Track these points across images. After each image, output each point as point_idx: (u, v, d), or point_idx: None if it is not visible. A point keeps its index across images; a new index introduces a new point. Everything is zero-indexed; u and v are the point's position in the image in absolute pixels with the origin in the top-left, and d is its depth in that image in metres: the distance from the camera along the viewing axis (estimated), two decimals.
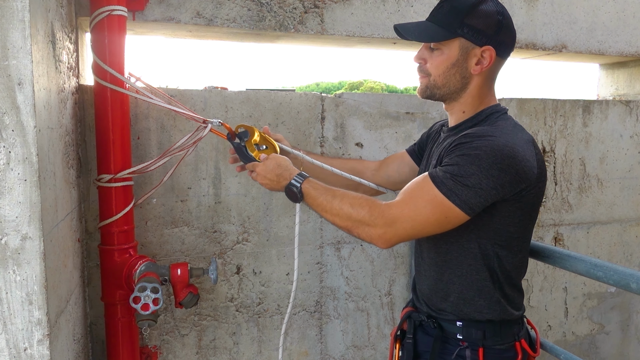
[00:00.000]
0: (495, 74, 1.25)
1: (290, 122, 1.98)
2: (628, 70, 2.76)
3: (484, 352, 1.19)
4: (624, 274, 1.18)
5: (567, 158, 2.46)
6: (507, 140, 1.10)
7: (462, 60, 1.19)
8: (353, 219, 1.16)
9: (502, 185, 1.08)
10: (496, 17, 1.17)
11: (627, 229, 2.62)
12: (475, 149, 1.09)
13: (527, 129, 2.33)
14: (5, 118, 1.02)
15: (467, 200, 1.08)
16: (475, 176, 1.07)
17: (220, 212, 1.92)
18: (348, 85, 48.91)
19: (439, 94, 1.24)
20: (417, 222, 1.11)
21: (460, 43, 1.18)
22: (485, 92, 1.24)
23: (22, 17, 1.02)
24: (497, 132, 1.13)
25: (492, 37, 1.16)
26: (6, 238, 1.05)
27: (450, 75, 1.20)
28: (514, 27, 1.22)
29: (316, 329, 2.11)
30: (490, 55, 1.17)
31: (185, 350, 1.92)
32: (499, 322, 1.21)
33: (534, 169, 1.12)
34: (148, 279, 1.49)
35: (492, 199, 1.10)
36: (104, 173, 1.59)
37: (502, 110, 1.24)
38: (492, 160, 1.07)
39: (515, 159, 1.09)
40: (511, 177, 1.09)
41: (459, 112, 1.26)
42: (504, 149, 1.08)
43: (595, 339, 2.63)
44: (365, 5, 2.03)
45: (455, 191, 1.08)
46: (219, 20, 1.85)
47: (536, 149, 1.17)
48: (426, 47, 1.24)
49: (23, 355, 1.09)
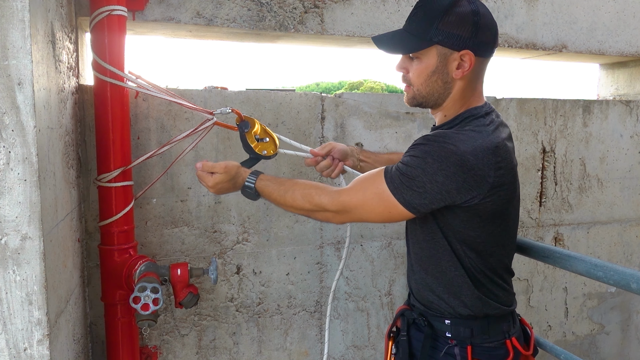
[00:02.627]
0: (480, 74, 1.22)
1: (290, 122, 1.98)
2: (628, 70, 2.76)
3: (473, 350, 1.19)
4: (624, 274, 1.18)
5: (567, 158, 2.46)
6: (460, 147, 1.08)
7: (442, 67, 1.17)
8: (307, 208, 1.26)
9: (447, 191, 1.08)
10: (471, 19, 1.13)
11: (627, 229, 2.62)
12: (425, 153, 1.10)
13: (527, 129, 2.35)
14: (5, 118, 1.02)
15: (410, 201, 1.11)
16: (420, 179, 1.09)
17: (220, 212, 1.92)
18: (348, 85, 48.90)
19: (426, 102, 1.23)
20: (364, 210, 1.17)
21: (438, 50, 1.15)
22: (468, 94, 1.21)
23: (22, 17, 1.02)
24: (455, 137, 1.10)
25: (469, 40, 1.13)
26: (6, 238, 1.05)
27: (432, 82, 1.19)
28: (493, 23, 1.17)
29: (316, 329, 2.11)
30: (470, 59, 1.14)
31: (185, 350, 1.92)
32: (486, 318, 1.20)
33: (487, 178, 1.09)
34: (148, 279, 1.49)
35: (439, 203, 1.11)
36: (104, 172, 1.59)
37: (479, 113, 1.19)
38: (437, 166, 1.07)
39: (463, 167, 1.07)
40: (457, 185, 1.08)
41: (441, 116, 1.25)
42: (452, 157, 1.07)
43: (596, 339, 2.63)
44: (365, 5, 2.03)
45: (401, 190, 1.11)
46: (219, 20, 1.85)
47: (499, 157, 1.11)
48: (407, 57, 1.23)
49: (23, 355, 1.09)
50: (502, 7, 2.25)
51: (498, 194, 1.12)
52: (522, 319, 1.33)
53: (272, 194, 1.30)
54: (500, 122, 1.21)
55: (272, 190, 1.31)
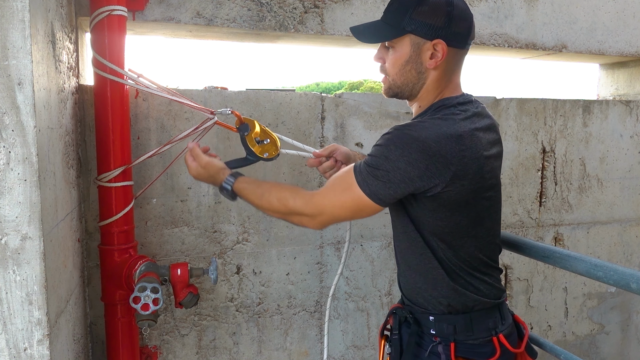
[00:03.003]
0: (455, 65, 1.21)
1: (290, 122, 1.98)
2: (628, 70, 2.76)
3: (456, 347, 1.18)
4: (624, 274, 1.18)
5: (567, 158, 2.46)
6: (422, 134, 1.08)
7: (416, 56, 1.17)
8: (282, 211, 1.25)
9: (410, 178, 1.09)
10: (445, 9, 1.14)
11: (627, 229, 2.62)
12: (388, 141, 1.11)
13: (527, 129, 2.35)
14: (5, 118, 1.02)
15: (375, 192, 1.11)
16: (383, 167, 1.09)
17: (220, 212, 1.92)
18: (348, 85, 48.89)
19: (401, 92, 1.24)
20: (335, 208, 1.18)
21: (411, 39, 1.16)
22: (442, 85, 1.21)
23: (22, 17, 1.02)
24: (419, 125, 1.11)
25: (442, 30, 1.14)
26: (6, 238, 1.05)
27: (406, 72, 1.20)
28: (468, 15, 1.18)
29: (316, 329, 2.11)
30: (442, 49, 1.15)
31: (185, 350, 1.92)
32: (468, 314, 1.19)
33: (449, 166, 1.08)
34: (148, 279, 1.49)
35: (404, 192, 1.11)
36: (104, 172, 1.59)
37: (450, 103, 1.19)
38: (399, 152, 1.08)
39: (424, 153, 1.07)
40: (419, 172, 1.08)
41: (417, 107, 1.26)
42: (413, 143, 1.07)
43: (595, 339, 2.63)
44: (365, 5, 2.03)
45: (367, 181, 1.12)
46: (219, 20, 1.85)
47: (462, 145, 1.10)
48: (383, 47, 1.24)
49: (23, 355, 1.09)
50: (502, 7, 2.25)
51: (461, 183, 1.11)
52: (516, 316, 1.31)
53: (249, 196, 1.31)
54: (478, 112, 1.19)
55: (249, 192, 1.31)
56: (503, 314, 1.25)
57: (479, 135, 1.15)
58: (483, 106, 1.25)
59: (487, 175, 1.16)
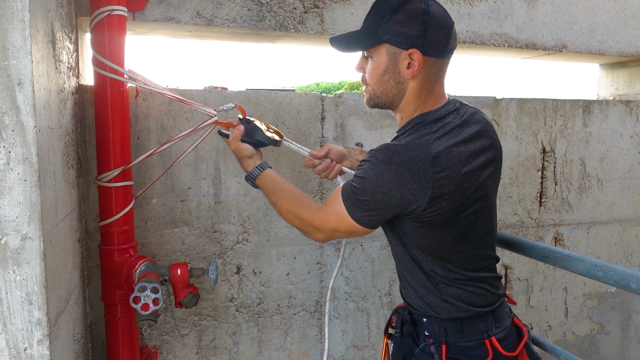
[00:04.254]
0: (436, 75, 1.18)
1: (290, 122, 1.98)
2: (628, 70, 2.76)
3: (447, 348, 1.19)
4: (624, 274, 1.18)
5: (567, 158, 2.46)
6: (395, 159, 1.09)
7: (392, 66, 1.16)
8: (291, 222, 1.35)
9: (389, 206, 1.11)
10: (420, 18, 1.11)
11: (627, 229, 2.62)
12: (365, 172, 1.12)
13: (527, 129, 2.35)
14: (5, 118, 1.02)
15: (361, 219, 1.16)
16: (363, 198, 1.13)
17: (220, 212, 1.92)
18: (348, 85, 48.89)
19: (382, 103, 1.22)
20: (332, 231, 1.24)
21: (387, 49, 1.15)
22: (424, 97, 1.19)
23: (22, 17, 1.02)
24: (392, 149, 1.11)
25: (417, 39, 1.12)
26: (6, 238, 1.05)
27: (384, 82, 1.18)
28: (446, 23, 1.14)
29: (316, 329, 2.11)
30: (418, 58, 1.13)
31: (185, 350, 1.92)
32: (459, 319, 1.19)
33: (425, 190, 1.07)
34: (148, 279, 1.49)
35: (387, 216, 1.15)
36: (104, 172, 1.59)
37: (429, 119, 1.16)
38: (374, 184, 1.10)
39: (398, 182, 1.08)
40: (396, 200, 1.10)
41: (399, 118, 1.25)
42: (385, 173, 1.09)
43: (595, 339, 2.63)
44: (365, 5, 2.03)
45: (352, 208, 1.16)
46: (219, 20, 1.85)
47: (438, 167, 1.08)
48: (363, 56, 1.23)
49: (23, 355, 1.09)
50: (502, 7, 2.25)
51: (440, 205, 1.10)
52: (516, 319, 1.30)
53: (269, 196, 1.40)
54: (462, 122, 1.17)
55: (269, 193, 1.40)
56: (498, 318, 1.23)
57: (459, 150, 1.12)
58: (472, 110, 1.22)
59: (468, 192, 1.13)
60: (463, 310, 1.19)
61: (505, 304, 1.29)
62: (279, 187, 1.38)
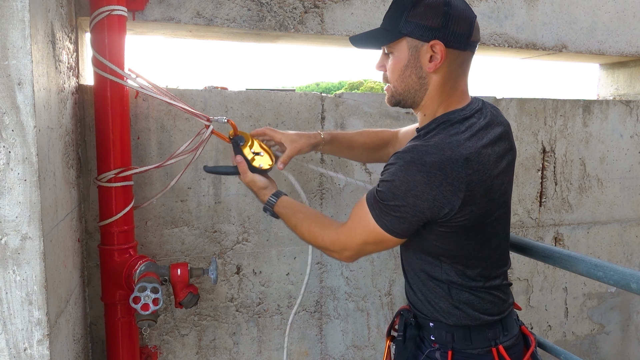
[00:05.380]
0: (459, 70, 1.16)
1: (290, 122, 1.98)
2: (628, 70, 2.76)
3: (453, 355, 1.16)
4: (624, 274, 1.18)
5: (567, 158, 2.46)
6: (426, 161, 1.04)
7: (414, 60, 1.13)
8: (313, 244, 1.30)
9: (421, 211, 1.06)
10: (441, 9, 1.09)
11: (627, 229, 2.62)
12: (393, 175, 1.07)
13: (527, 129, 2.35)
14: (5, 118, 1.02)
15: (392, 228, 1.10)
16: (393, 204, 1.07)
17: (220, 212, 1.92)
18: (348, 85, 48.89)
19: (404, 100, 1.20)
20: (360, 246, 1.17)
21: (408, 42, 1.13)
22: (446, 92, 1.16)
23: (22, 17, 1.02)
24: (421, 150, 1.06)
25: (439, 31, 1.09)
26: (6, 238, 1.05)
27: (406, 77, 1.16)
28: (468, 15, 1.12)
29: (316, 329, 2.11)
30: (441, 50, 1.10)
31: (185, 350, 1.92)
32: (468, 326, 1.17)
33: (458, 193, 1.04)
34: (148, 279, 1.49)
35: (419, 223, 1.09)
36: (104, 172, 1.59)
37: (455, 118, 1.13)
38: (405, 187, 1.05)
39: (430, 184, 1.03)
40: (428, 204, 1.05)
41: (421, 115, 1.22)
42: (417, 175, 1.04)
43: (595, 339, 2.63)
44: (365, 5, 2.03)
45: (382, 218, 1.10)
46: (219, 20, 1.85)
47: (470, 169, 1.05)
48: (384, 54, 1.21)
49: (23, 355, 1.09)
50: (502, 7, 2.25)
51: (470, 209, 1.07)
52: (524, 327, 1.28)
53: (289, 220, 1.34)
54: (487, 123, 1.14)
55: (285, 219, 1.35)
56: (506, 326, 1.22)
57: (487, 152, 1.09)
58: (493, 111, 1.20)
59: (496, 195, 1.12)
60: (473, 318, 1.17)
61: (513, 311, 1.27)
62: (297, 209, 1.34)
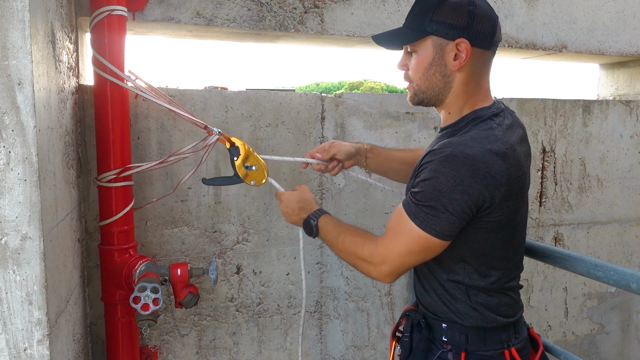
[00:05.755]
0: (482, 68, 1.17)
1: (290, 122, 1.98)
2: (628, 70, 2.76)
3: (466, 357, 1.16)
4: (624, 274, 1.18)
5: (567, 158, 2.46)
6: (469, 153, 1.03)
7: (439, 58, 1.14)
8: (352, 258, 1.21)
9: (468, 207, 1.05)
10: (467, 8, 1.11)
11: (627, 229, 2.62)
12: (435, 171, 1.05)
13: (527, 129, 2.32)
14: (5, 118, 1.02)
15: (441, 231, 1.06)
16: (440, 203, 1.04)
17: (220, 212, 1.92)
18: (348, 85, 48.90)
19: (427, 98, 1.20)
20: (403, 257, 1.12)
21: (433, 41, 1.14)
22: (470, 91, 1.17)
23: (22, 17, 1.02)
24: (461, 144, 1.06)
25: (464, 29, 1.11)
26: (6, 238, 1.05)
27: (430, 76, 1.16)
28: (491, 14, 1.15)
29: (316, 329, 2.11)
30: (466, 48, 1.11)
31: (185, 350, 1.92)
32: (483, 328, 1.17)
33: (499, 187, 1.05)
34: (148, 279, 1.49)
35: (465, 220, 1.07)
36: (104, 172, 1.59)
37: (485, 115, 1.14)
38: (451, 183, 1.03)
39: (475, 177, 1.03)
40: (474, 198, 1.04)
41: (445, 113, 1.22)
42: (462, 169, 1.03)
43: (595, 339, 2.63)
44: (365, 5, 2.03)
45: (427, 221, 1.06)
46: (219, 20, 1.85)
47: (508, 163, 1.06)
48: (406, 53, 1.22)
49: (23, 355, 1.09)
50: (502, 7, 2.25)
51: (507, 204, 1.08)
52: (532, 330, 1.29)
53: (329, 234, 1.29)
54: (511, 123, 1.16)
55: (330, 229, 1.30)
56: (517, 329, 1.23)
57: (518, 150, 1.11)
58: (513, 114, 1.21)
59: (523, 193, 1.14)
60: (490, 320, 1.17)
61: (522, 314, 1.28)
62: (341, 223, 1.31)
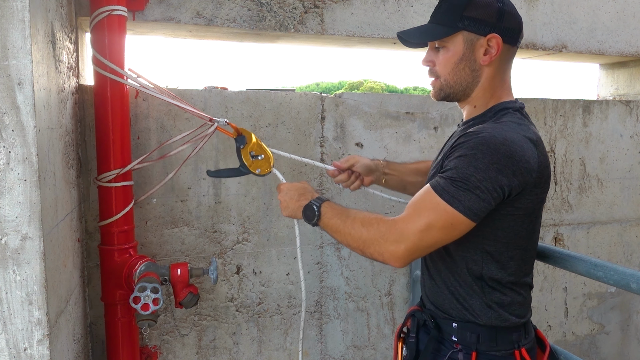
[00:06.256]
0: (507, 64, 1.21)
1: (290, 122, 1.98)
2: (628, 70, 2.76)
3: (477, 357, 1.15)
4: (624, 274, 1.18)
5: (567, 158, 2.46)
6: (506, 136, 1.05)
7: (469, 53, 1.16)
8: (364, 238, 1.13)
9: (500, 187, 1.03)
10: (496, 5, 1.15)
11: (627, 229, 2.62)
12: (472, 149, 1.04)
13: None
14: (5, 118, 1.02)
15: (470, 206, 1.03)
16: (474, 178, 1.02)
17: (220, 212, 1.92)
18: (348, 85, 48.91)
19: (454, 93, 1.21)
20: (423, 232, 1.05)
21: (464, 36, 1.16)
22: (497, 85, 1.19)
23: (22, 17, 1.02)
24: (497, 129, 1.08)
25: (495, 25, 1.14)
26: (6, 238, 1.05)
27: (459, 70, 1.18)
28: (517, 13, 1.19)
29: (316, 329, 2.11)
30: (497, 43, 1.14)
31: (185, 350, 1.92)
32: (495, 327, 1.16)
33: (531, 172, 1.06)
34: (148, 279, 1.49)
35: (495, 202, 1.04)
36: (104, 172, 1.59)
37: (512, 106, 1.17)
38: (488, 159, 1.02)
39: (512, 158, 1.03)
40: (508, 179, 1.03)
41: (470, 107, 1.23)
42: (500, 147, 1.03)
43: (595, 339, 2.63)
44: (365, 5, 2.03)
45: (457, 197, 1.03)
46: (219, 20, 1.85)
47: (540, 151, 1.09)
48: (432, 49, 1.22)
49: (23, 355, 1.09)
50: None
51: (536, 191, 1.10)
52: (539, 331, 1.29)
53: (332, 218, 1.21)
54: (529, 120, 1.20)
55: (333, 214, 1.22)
56: (527, 329, 1.24)
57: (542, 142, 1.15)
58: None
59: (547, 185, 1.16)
60: (503, 319, 1.16)
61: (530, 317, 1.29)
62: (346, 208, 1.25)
